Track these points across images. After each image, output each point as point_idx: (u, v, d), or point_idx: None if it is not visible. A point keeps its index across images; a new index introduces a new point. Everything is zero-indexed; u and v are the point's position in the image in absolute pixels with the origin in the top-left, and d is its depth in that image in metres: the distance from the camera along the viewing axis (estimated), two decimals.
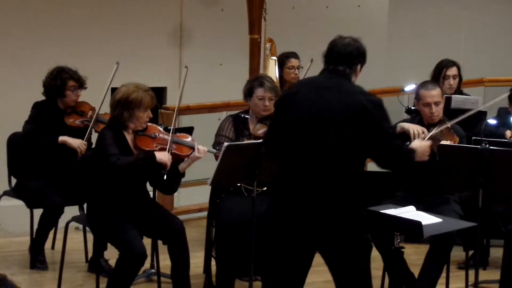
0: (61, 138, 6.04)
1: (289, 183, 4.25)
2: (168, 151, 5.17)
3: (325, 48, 4.40)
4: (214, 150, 5.41)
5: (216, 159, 5.38)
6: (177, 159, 5.29)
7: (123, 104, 5.18)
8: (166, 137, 5.27)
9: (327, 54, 4.37)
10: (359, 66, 4.36)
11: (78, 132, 6.10)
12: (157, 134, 5.29)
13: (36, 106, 6.20)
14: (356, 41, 4.36)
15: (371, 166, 8.32)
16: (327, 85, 4.27)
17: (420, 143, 4.83)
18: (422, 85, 5.76)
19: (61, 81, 6.12)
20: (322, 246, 4.28)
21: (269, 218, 4.35)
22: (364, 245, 4.31)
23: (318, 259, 4.34)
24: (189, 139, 5.41)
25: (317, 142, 4.18)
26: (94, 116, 6.09)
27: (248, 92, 5.68)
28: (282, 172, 4.31)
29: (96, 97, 6.15)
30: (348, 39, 4.35)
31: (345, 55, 4.30)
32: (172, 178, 5.27)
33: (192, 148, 5.29)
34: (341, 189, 4.17)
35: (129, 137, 5.25)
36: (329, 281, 4.43)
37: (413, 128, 5.58)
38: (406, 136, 5.53)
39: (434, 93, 5.65)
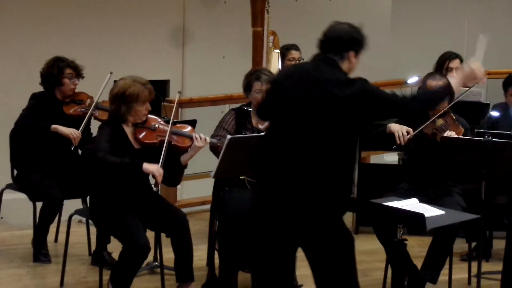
0: (53, 126, 6.03)
1: (271, 170, 4.15)
2: (167, 143, 5.17)
3: None
4: (215, 140, 5.40)
5: (212, 149, 5.39)
6: (178, 151, 5.29)
7: (120, 99, 5.18)
8: (166, 128, 5.27)
9: (320, 39, 4.19)
10: (352, 53, 4.15)
11: (78, 121, 6.08)
12: (156, 126, 5.30)
13: (34, 97, 6.20)
14: (352, 26, 4.17)
15: (374, 159, 8.36)
16: (312, 74, 4.11)
17: (458, 80, 4.49)
18: (429, 75, 5.76)
19: (58, 69, 6.12)
20: (300, 240, 4.19)
21: (254, 211, 4.28)
22: (342, 239, 4.17)
23: None
24: (187, 129, 5.40)
25: (300, 132, 4.08)
26: (94, 103, 6.10)
27: (247, 87, 5.69)
28: (266, 159, 4.21)
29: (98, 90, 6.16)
30: (343, 25, 4.17)
31: (334, 40, 4.12)
32: (174, 170, 5.27)
33: (191, 138, 5.29)
34: (320, 177, 4.04)
35: (129, 130, 5.26)
36: None
37: (397, 130, 5.55)
38: (393, 137, 5.53)
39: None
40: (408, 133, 5.53)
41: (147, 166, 5.05)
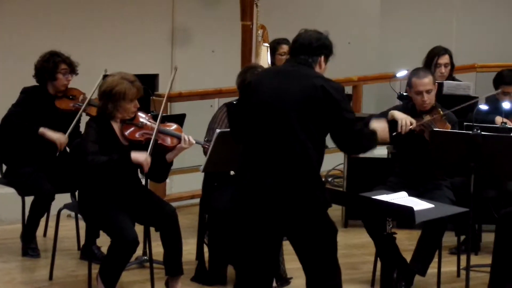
0: (41, 130, 6.00)
1: (251, 169, 4.28)
2: (153, 141, 5.15)
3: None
4: (202, 142, 5.38)
5: (204, 152, 5.37)
6: (164, 149, 5.27)
7: (108, 96, 5.17)
8: (153, 125, 5.25)
9: (291, 47, 4.47)
10: (322, 57, 4.39)
11: (69, 116, 6.07)
12: (144, 123, 5.27)
13: (25, 92, 6.18)
14: (320, 33, 4.42)
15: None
16: (288, 71, 4.34)
17: (379, 124, 4.64)
18: (414, 72, 5.75)
19: (53, 64, 6.11)
20: (285, 232, 4.34)
21: (234, 205, 4.40)
22: (328, 230, 4.35)
23: None
24: (173, 127, 5.37)
25: (279, 127, 4.22)
26: (87, 99, 6.08)
27: (241, 85, 5.69)
28: (245, 158, 4.34)
29: (90, 83, 6.13)
30: (312, 32, 4.43)
31: (306, 45, 4.36)
32: (160, 168, 5.26)
33: (179, 139, 5.27)
34: (302, 174, 4.20)
35: (116, 126, 5.24)
36: None
37: (402, 118, 5.56)
38: (394, 124, 5.54)
39: (425, 81, 5.64)
40: (411, 123, 5.55)
41: (135, 156, 5.05)
